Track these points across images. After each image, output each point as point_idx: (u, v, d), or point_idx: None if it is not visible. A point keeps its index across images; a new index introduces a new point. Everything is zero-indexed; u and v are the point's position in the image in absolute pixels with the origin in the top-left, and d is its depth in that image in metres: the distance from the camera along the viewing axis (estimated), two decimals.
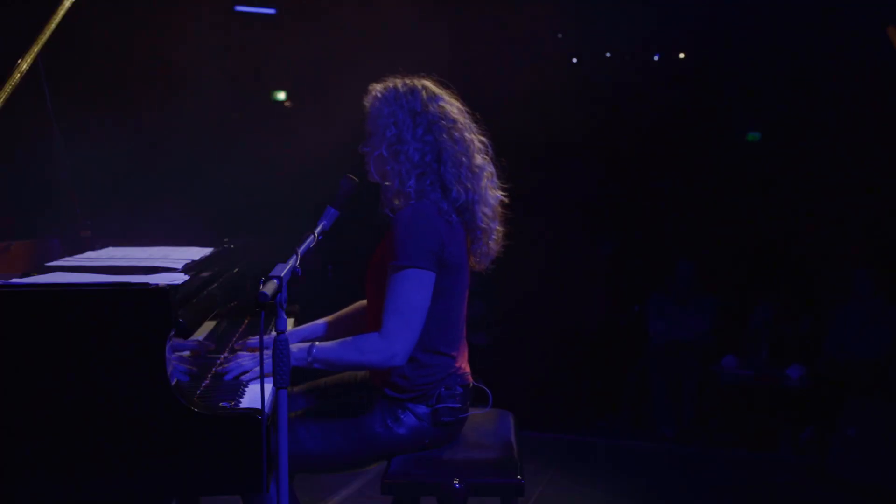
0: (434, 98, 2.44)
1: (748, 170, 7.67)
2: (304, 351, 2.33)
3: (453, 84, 2.55)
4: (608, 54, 8.40)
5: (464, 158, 2.40)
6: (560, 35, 8.16)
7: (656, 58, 8.33)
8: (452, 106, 2.46)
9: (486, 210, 2.44)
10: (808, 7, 6.64)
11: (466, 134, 2.44)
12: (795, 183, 7.30)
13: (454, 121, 2.43)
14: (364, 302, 2.69)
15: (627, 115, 7.64)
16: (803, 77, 7.02)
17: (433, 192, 2.38)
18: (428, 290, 2.32)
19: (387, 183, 2.43)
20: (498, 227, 2.50)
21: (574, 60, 8.42)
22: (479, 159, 2.44)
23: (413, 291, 2.29)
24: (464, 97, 2.55)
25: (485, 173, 2.46)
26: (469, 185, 2.40)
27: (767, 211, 7.39)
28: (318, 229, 2.31)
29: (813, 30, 6.68)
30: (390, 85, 2.46)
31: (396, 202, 2.41)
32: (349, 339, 2.37)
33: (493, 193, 2.48)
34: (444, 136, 2.40)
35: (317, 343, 2.36)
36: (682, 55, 8.25)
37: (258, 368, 2.34)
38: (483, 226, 2.44)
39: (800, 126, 7.24)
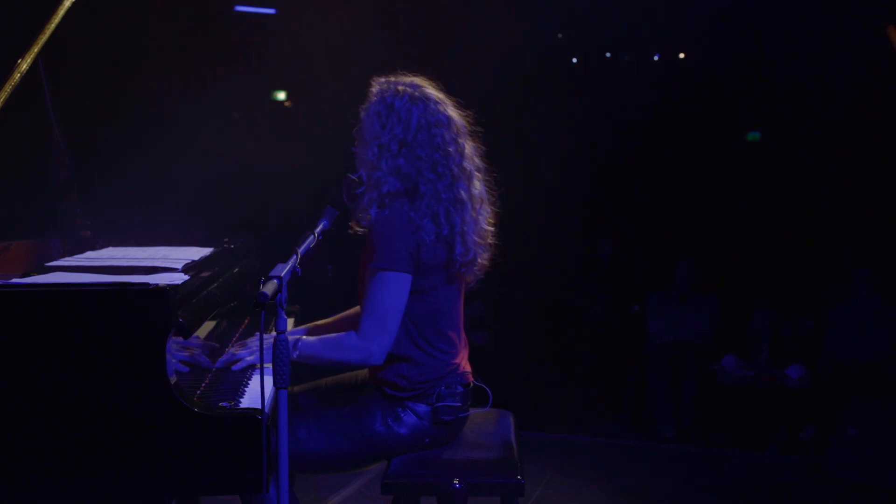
0: (430, 122, 2.35)
1: (748, 170, 7.67)
2: (290, 345, 2.32)
3: (452, 85, 2.53)
4: (608, 54, 8.40)
5: (444, 194, 2.34)
6: (560, 35, 8.17)
7: (656, 58, 8.34)
8: (449, 129, 2.38)
9: (470, 242, 2.37)
10: (808, 7, 6.64)
11: (454, 167, 2.36)
12: (795, 183, 7.30)
13: (444, 154, 2.35)
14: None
15: (627, 114, 7.65)
16: (803, 77, 7.03)
17: (401, 205, 2.33)
18: (403, 292, 2.32)
19: (356, 201, 2.39)
20: (484, 253, 2.45)
21: (574, 60, 8.43)
22: (462, 193, 2.36)
23: (387, 294, 2.31)
24: (463, 97, 2.53)
25: (471, 204, 2.38)
26: (447, 221, 2.34)
27: (767, 211, 7.39)
28: (318, 229, 2.30)
29: (813, 30, 6.68)
30: (388, 96, 2.36)
31: (362, 221, 2.38)
32: (331, 336, 2.40)
33: (480, 221, 2.42)
34: (427, 171, 2.33)
35: (302, 338, 2.38)
36: (682, 55, 8.25)
37: (250, 357, 2.40)
38: (466, 258, 2.37)
39: (800, 126, 7.24)
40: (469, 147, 2.44)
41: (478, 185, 2.44)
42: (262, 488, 1.95)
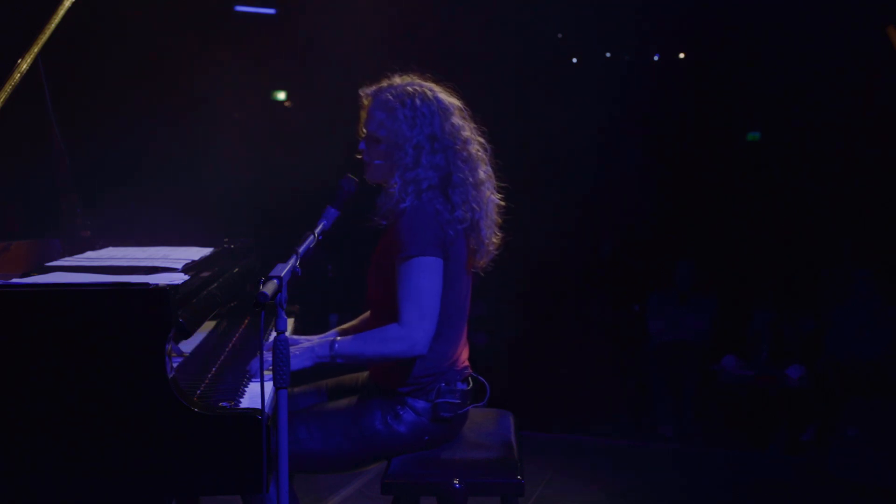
0: (446, 113, 2.43)
1: (748, 170, 7.67)
2: (326, 347, 2.33)
3: (454, 84, 2.55)
4: (608, 54, 8.41)
5: (470, 178, 2.42)
6: (560, 35, 8.17)
7: (656, 58, 8.34)
8: (457, 115, 2.45)
9: (490, 222, 2.47)
10: (808, 7, 6.64)
11: (472, 148, 2.45)
12: (795, 183, 7.30)
13: (463, 140, 2.43)
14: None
15: (627, 114, 7.65)
16: (803, 77, 7.03)
17: (431, 200, 2.38)
18: (439, 277, 2.33)
19: (389, 191, 2.42)
20: (497, 231, 2.52)
21: (574, 60, 8.43)
22: (481, 173, 2.46)
23: (424, 279, 2.31)
24: (463, 97, 2.54)
25: (487, 185, 2.47)
26: (475, 206, 2.41)
27: (767, 211, 7.39)
28: (318, 229, 2.31)
29: (813, 30, 6.68)
30: (407, 98, 2.42)
31: (390, 214, 2.42)
32: (369, 331, 2.39)
33: (493, 198, 2.50)
34: (458, 160, 2.41)
35: (338, 338, 2.36)
36: (682, 55, 8.26)
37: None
38: (486, 240, 2.46)
39: (800, 126, 7.24)
40: (473, 129, 2.51)
41: (485, 163, 2.50)
42: (263, 488, 1.95)
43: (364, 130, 2.49)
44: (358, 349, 2.34)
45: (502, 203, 2.54)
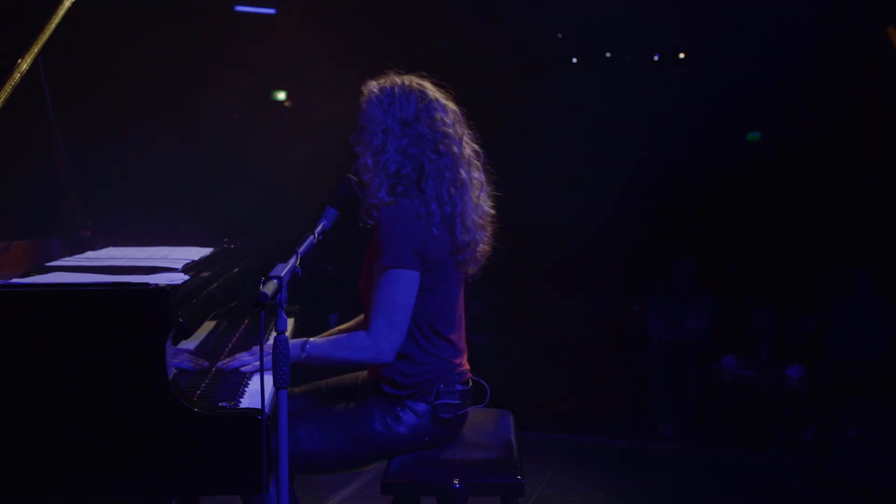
0: (429, 106, 2.42)
1: (748, 170, 7.68)
2: (298, 347, 2.35)
3: (454, 84, 2.55)
4: (608, 54, 8.41)
5: (447, 173, 2.39)
6: (560, 35, 8.18)
7: (656, 58, 8.35)
8: (447, 114, 2.45)
9: (469, 223, 2.42)
10: (808, 7, 6.64)
11: (454, 147, 2.42)
12: (795, 183, 7.31)
13: (444, 134, 2.41)
14: None
15: (627, 114, 7.65)
16: (803, 76, 7.03)
17: (410, 197, 2.38)
18: (412, 289, 2.34)
19: (365, 190, 2.43)
20: (485, 236, 2.50)
21: (574, 60, 8.44)
22: (463, 174, 2.42)
23: (397, 291, 2.32)
24: (463, 98, 2.54)
25: (472, 185, 2.45)
26: (449, 200, 2.39)
27: (767, 211, 7.39)
28: (318, 229, 2.31)
29: (813, 30, 6.68)
30: (387, 86, 2.44)
31: (372, 211, 2.41)
32: (341, 336, 2.41)
33: (481, 203, 2.48)
34: (430, 150, 2.39)
35: (310, 339, 2.39)
36: (682, 55, 8.26)
37: (257, 362, 2.38)
38: (466, 238, 2.42)
39: (800, 126, 7.24)
40: (467, 134, 2.50)
41: (477, 170, 2.50)
42: (263, 488, 1.95)
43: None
44: (327, 352, 2.37)
45: (493, 211, 2.52)
